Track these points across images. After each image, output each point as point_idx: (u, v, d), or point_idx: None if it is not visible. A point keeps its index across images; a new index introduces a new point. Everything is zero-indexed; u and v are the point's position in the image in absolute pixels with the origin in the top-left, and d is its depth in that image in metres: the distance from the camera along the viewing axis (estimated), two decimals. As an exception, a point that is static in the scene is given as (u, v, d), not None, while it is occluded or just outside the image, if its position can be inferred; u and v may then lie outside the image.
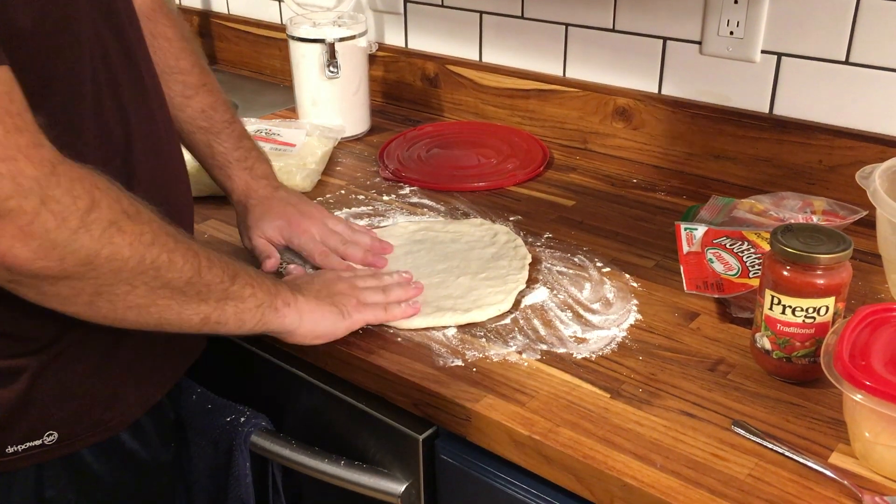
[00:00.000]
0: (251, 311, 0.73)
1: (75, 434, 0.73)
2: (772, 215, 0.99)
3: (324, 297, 0.81)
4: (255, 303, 0.73)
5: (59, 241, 0.55)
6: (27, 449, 0.70)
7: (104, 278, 0.59)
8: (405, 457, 0.83)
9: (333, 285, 0.84)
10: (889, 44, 1.03)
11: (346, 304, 0.82)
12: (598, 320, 0.87)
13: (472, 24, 1.40)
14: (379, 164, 1.26)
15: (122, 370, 0.75)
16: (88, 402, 0.73)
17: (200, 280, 0.67)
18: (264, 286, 0.74)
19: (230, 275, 0.70)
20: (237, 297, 0.71)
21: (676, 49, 1.20)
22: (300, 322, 0.78)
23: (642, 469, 0.68)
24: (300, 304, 0.78)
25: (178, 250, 0.64)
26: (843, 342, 0.68)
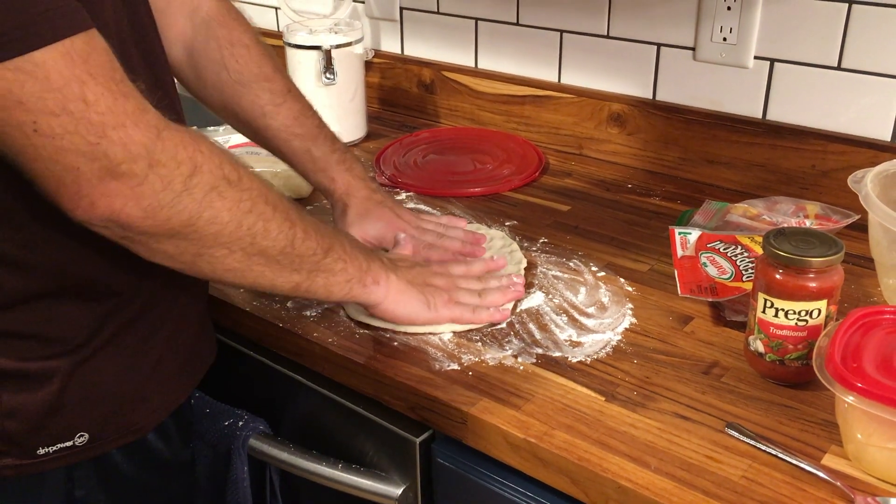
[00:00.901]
0: (340, 285, 0.75)
1: (105, 435, 0.74)
2: (765, 219, 1.00)
3: (416, 284, 0.83)
4: (346, 277, 0.76)
5: (164, 203, 0.59)
6: (58, 450, 0.71)
7: (205, 240, 0.63)
8: (402, 460, 0.84)
9: (432, 277, 0.86)
10: (880, 49, 1.04)
11: (436, 297, 0.83)
12: (593, 324, 0.88)
13: (467, 30, 1.41)
14: (375, 170, 1.27)
15: (149, 373, 0.76)
16: (118, 404, 0.74)
17: (294, 251, 0.69)
18: (356, 261, 0.77)
19: (324, 248, 0.72)
20: (328, 269, 0.73)
21: (670, 55, 1.21)
22: (384, 298, 0.80)
23: (637, 471, 0.68)
24: (391, 282, 0.80)
25: (275, 219, 0.67)
26: (835, 345, 0.69)
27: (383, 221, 0.96)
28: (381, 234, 0.96)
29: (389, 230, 0.96)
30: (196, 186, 0.60)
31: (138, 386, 0.76)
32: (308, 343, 0.87)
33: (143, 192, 0.58)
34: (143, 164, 0.57)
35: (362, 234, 0.95)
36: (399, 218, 0.98)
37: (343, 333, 0.87)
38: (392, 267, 0.82)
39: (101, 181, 0.56)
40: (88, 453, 0.73)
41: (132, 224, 0.59)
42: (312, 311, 0.91)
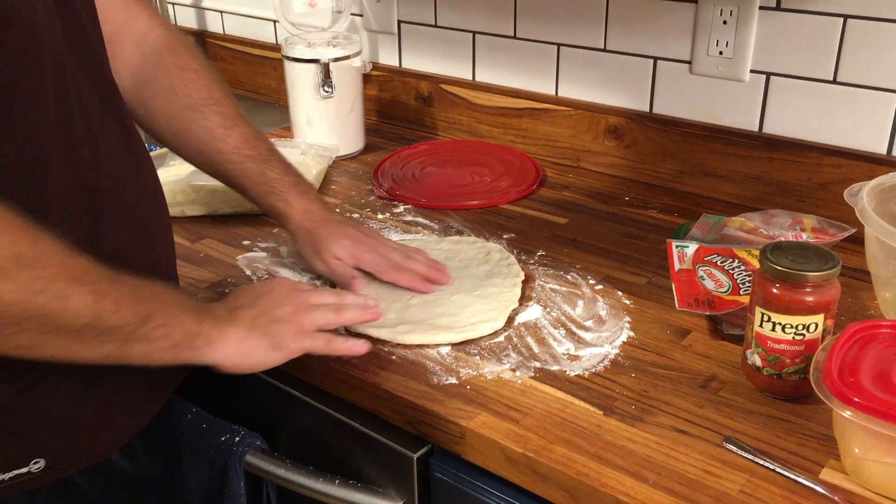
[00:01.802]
0: (163, 351, 0.70)
1: (63, 460, 0.72)
2: (762, 233, 1.00)
3: (259, 326, 0.78)
4: (169, 343, 0.70)
5: None
6: (14, 477, 0.69)
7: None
8: (400, 475, 0.84)
9: (277, 308, 0.80)
10: (875, 63, 1.05)
11: (283, 334, 0.79)
12: (590, 337, 0.88)
13: (465, 43, 1.41)
14: (373, 183, 1.27)
15: (109, 396, 0.75)
16: (76, 428, 0.73)
17: (100, 325, 0.64)
18: (182, 326, 0.71)
19: (140, 317, 0.67)
20: (145, 338, 0.68)
21: (667, 69, 1.21)
22: (225, 356, 0.75)
23: (635, 486, 0.68)
24: (228, 337, 0.75)
25: (76, 295, 0.62)
26: (832, 359, 0.69)
27: (350, 239, 0.94)
28: (352, 252, 0.93)
29: (359, 246, 0.94)
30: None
31: (97, 410, 0.74)
32: (305, 357, 0.87)
33: None
34: None
35: (336, 257, 0.93)
36: (366, 235, 0.96)
37: (341, 347, 0.87)
38: (229, 318, 0.77)
39: None
40: (47, 479, 0.71)
41: None
42: (310, 324, 0.91)
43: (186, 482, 0.96)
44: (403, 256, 0.96)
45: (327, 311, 0.83)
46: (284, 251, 1.07)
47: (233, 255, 1.07)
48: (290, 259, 1.05)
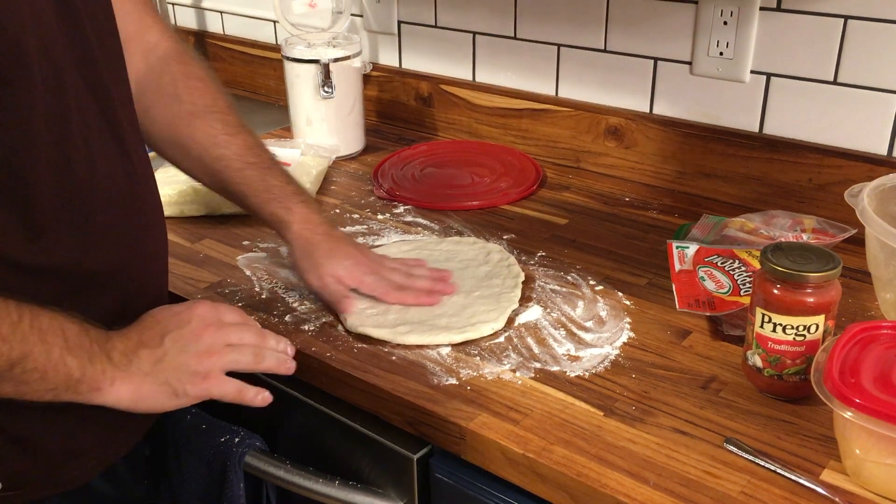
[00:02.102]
0: (39, 393, 0.67)
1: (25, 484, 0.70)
2: (762, 233, 1.00)
3: (160, 372, 0.73)
4: (45, 387, 0.67)
5: None
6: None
7: None
8: (400, 476, 0.84)
9: (185, 351, 0.75)
10: (876, 64, 1.05)
11: (186, 381, 0.74)
12: (591, 338, 0.88)
13: (465, 44, 1.41)
14: (373, 183, 1.27)
15: (77, 424, 0.72)
16: (39, 454, 0.71)
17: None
18: (62, 371, 0.67)
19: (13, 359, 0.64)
20: (16, 380, 0.65)
21: (667, 69, 1.21)
22: (117, 400, 0.71)
23: (635, 487, 0.68)
24: (117, 384, 0.70)
25: None
26: (832, 360, 0.68)
27: (352, 260, 0.92)
28: (352, 273, 0.92)
29: (361, 268, 0.92)
30: None
31: (63, 440, 0.72)
32: (306, 357, 0.87)
33: None
34: None
35: (334, 275, 0.91)
36: (366, 256, 0.95)
37: (341, 348, 0.87)
38: (125, 363, 0.71)
39: None
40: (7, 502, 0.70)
41: None
42: (310, 325, 0.91)
43: (186, 483, 0.96)
44: (404, 276, 0.94)
45: (245, 354, 0.78)
46: (284, 252, 1.07)
47: (233, 256, 1.06)
48: (289, 260, 1.05)
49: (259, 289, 0.99)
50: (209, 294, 0.98)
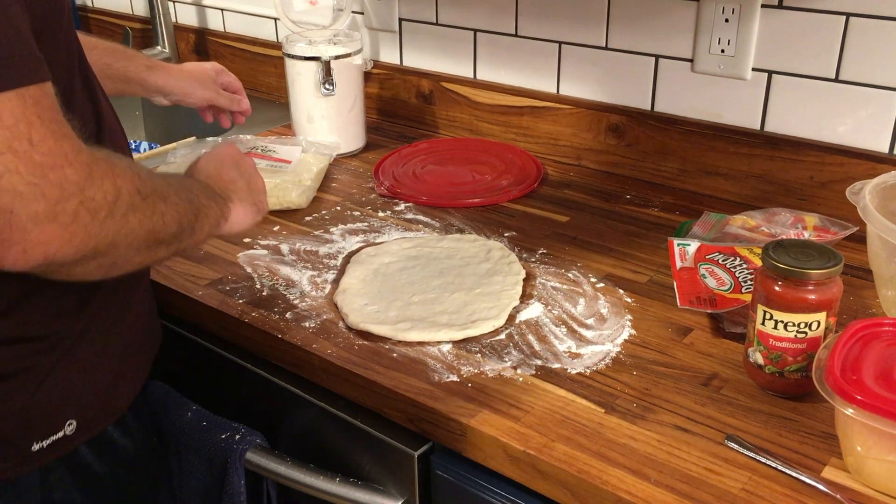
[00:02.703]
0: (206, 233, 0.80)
1: (91, 419, 0.78)
2: (764, 231, 1.00)
3: (247, 196, 0.88)
4: (210, 226, 0.80)
5: (93, 233, 0.61)
6: (52, 443, 0.74)
7: (120, 252, 0.65)
8: (401, 473, 0.84)
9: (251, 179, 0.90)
10: (878, 62, 1.04)
11: (262, 199, 0.91)
12: (592, 335, 0.88)
13: (466, 41, 1.41)
14: (374, 181, 1.27)
15: (123, 349, 0.81)
16: (99, 385, 0.79)
17: (181, 230, 0.73)
18: (213, 212, 0.81)
19: (194, 214, 0.76)
20: (199, 230, 0.77)
21: (668, 67, 1.21)
22: (232, 226, 0.85)
23: (637, 484, 0.68)
24: (232, 212, 0.85)
25: (168, 213, 0.70)
26: (834, 357, 0.68)
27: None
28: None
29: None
30: (117, 210, 0.63)
31: (111, 371, 0.80)
32: (307, 354, 0.87)
33: (75, 230, 0.59)
34: (75, 201, 0.59)
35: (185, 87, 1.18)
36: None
37: (342, 345, 0.87)
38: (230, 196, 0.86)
39: (37, 225, 0.57)
40: (79, 439, 0.77)
41: (64, 261, 0.61)
42: (311, 322, 0.91)
43: (187, 480, 0.96)
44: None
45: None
46: (285, 249, 1.07)
47: (233, 253, 1.06)
48: (290, 257, 1.05)
49: (260, 286, 0.99)
50: (210, 291, 0.98)
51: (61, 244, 0.59)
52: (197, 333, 1.00)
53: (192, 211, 0.75)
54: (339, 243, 1.09)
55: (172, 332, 1.03)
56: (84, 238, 0.60)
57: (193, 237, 0.76)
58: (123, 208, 0.63)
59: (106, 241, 0.62)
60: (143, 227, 0.66)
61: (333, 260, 1.04)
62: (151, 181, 0.69)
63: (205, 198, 0.80)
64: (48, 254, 0.59)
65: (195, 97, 1.21)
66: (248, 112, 1.28)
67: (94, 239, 0.61)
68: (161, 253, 0.72)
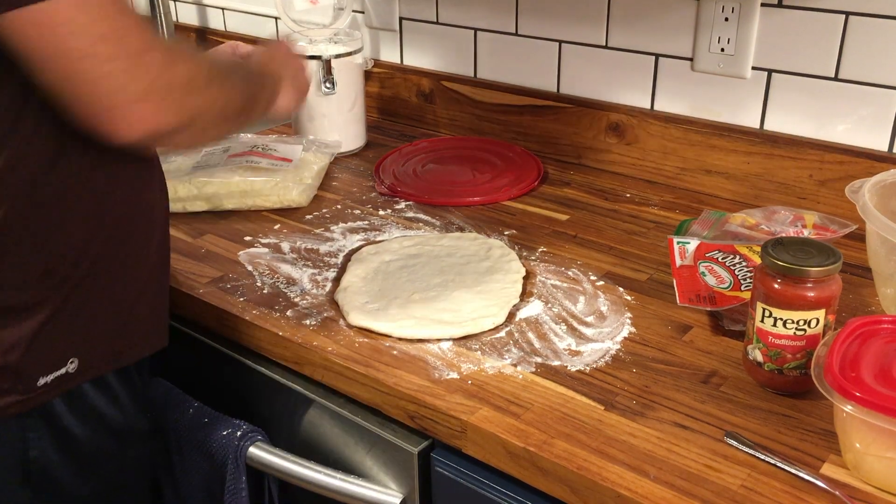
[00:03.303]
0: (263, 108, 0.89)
1: (92, 361, 0.81)
2: (763, 229, 1.01)
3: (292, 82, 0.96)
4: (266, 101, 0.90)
5: (182, 106, 0.70)
6: (55, 379, 0.77)
7: (203, 123, 0.74)
8: (401, 470, 0.84)
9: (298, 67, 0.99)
10: (877, 60, 1.05)
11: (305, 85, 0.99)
12: (592, 333, 0.88)
13: (466, 40, 1.41)
14: (375, 179, 1.27)
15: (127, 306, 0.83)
16: (101, 331, 0.81)
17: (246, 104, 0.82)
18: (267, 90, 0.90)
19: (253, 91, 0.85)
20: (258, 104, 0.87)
21: (668, 65, 1.21)
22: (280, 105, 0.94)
23: (636, 480, 0.68)
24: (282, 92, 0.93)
25: (234, 89, 0.80)
26: (833, 354, 0.69)
27: None
28: None
29: None
30: (196, 86, 0.72)
31: (120, 315, 0.83)
32: (308, 352, 0.87)
33: (168, 104, 0.68)
34: (164, 80, 0.68)
35: None
36: None
37: (342, 342, 0.87)
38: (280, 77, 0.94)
39: (137, 103, 0.66)
40: (80, 378, 0.80)
41: (166, 131, 0.70)
42: (312, 320, 0.92)
43: (188, 477, 0.96)
44: None
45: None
46: (286, 247, 1.08)
47: (234, 251, 1.07)
48: (291, 255, 1.05)
49: (261, 283, 0.99)
50: (211, 289, 0.98)
51: (158, 118, 0.68)
52: (198, 331, 1.01)
53: (251, 88, 0.85)
54: (340, 241, 1.09)
55: (174, 330, 1.03)
56: (175, 111, 0.69)
57: (255, 111, 0.86)
58: (201, 85, 0.73)
59: (191, 113, 0.72)
60: (218, 102, 0.76)
61: (334, 258, 1.05)
62: (215, 64, 0.79)
63: (258, 77, 0.89)
64: (148, 127, 0.67)
65: None
66: None
67: (182, 112, 0.70)
68: (231, 125, 0.82)
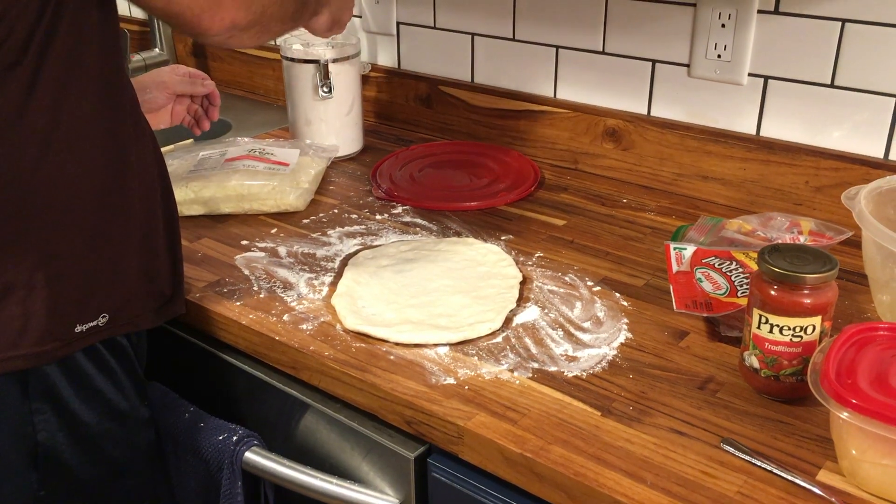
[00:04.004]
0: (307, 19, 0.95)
1: (119, 319, 0.86)
2: (760, 235, 1.01)
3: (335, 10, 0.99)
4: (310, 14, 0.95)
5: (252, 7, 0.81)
6: (87, 329, 0.83)
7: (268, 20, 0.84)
8: (397, 475, 0.84)
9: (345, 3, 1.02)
10: (873, 67, 1.05)
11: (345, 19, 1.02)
12: (588, 339, 0.88)
13: (464, 45, 1.41)
14: (372, 184, 1.27)
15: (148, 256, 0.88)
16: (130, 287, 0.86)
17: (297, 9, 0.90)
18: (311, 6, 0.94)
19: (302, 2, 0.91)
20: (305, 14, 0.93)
21: (665, 71, 1.22)
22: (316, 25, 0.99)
23: (633, 486, 0.68)
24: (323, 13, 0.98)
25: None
26: (829, 361, 0.69)
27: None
28: None
29: None
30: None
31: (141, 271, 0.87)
32: (304, 356, 0.87)
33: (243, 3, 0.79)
34: None
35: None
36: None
37: (339, 347, 0.87)
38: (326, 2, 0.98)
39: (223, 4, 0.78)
40: (107, 332, 0.85)
41: (241, 26, 0.80)
42: (308, 324, 0.91)
43: (184, 481, 0.96)
44: None
45: None
46: (283, 251, 1.07)
47: (231, 255, 1.07)
48: (288, 259, 1.05)
49: (257, 288, 0.99)
50: (208, 293, 0.98)
51: (237, 14, 0.80)
52: (194, 335, 1.01)
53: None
54: (337, 246, 1.09)
55: (170, 334, 1.03)
56: (249, 9, 0.80)
57: (303, 17, 0.93)
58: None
59: (259, 12, 0.82)
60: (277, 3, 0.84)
61: (331, 262, 1.05)
62: None
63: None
64: (231, 21, 0.79)
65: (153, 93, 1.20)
66: (215, 94, 1.26)
67: (254, 11, 0.81)
68: (287, 25, 0.91)
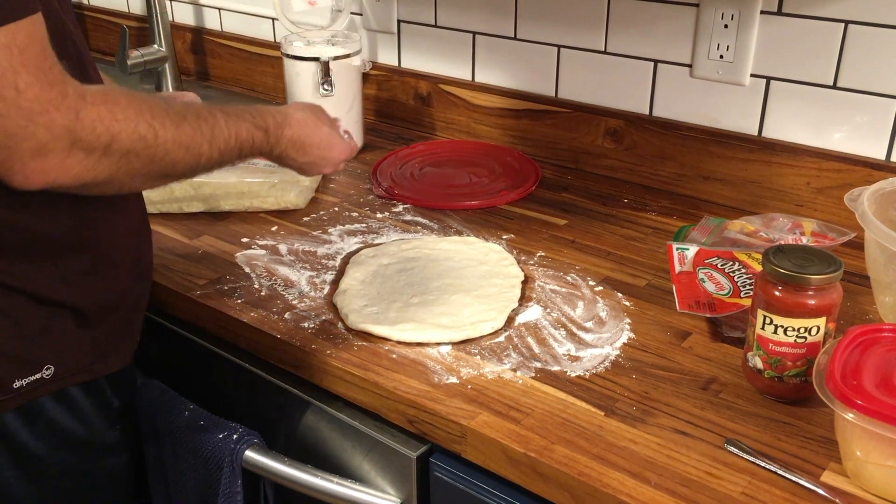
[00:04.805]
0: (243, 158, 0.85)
1: (67, 372, 0.81)
2: (762, 236, 1.01)
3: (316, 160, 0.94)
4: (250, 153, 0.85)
5: (88, 167, 0.68)
6: (30, 383, 0.78)
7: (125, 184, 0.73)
8: (399, 474, 0.83)
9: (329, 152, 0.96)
10: (876, 69, 1.05)
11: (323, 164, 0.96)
12: (591, 338, 0.88)
13: (464, 44, 1.41)
14: (372, 182, 1.27)
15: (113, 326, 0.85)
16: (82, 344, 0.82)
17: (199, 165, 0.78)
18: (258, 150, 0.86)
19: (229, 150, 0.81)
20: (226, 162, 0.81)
21: (667, 71, 1.22)
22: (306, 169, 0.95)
23: (637, 487, 0.68)
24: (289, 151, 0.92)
25: (187, 157, 0.75)
26: (834, 362, 0.69)
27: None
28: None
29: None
30: (113, 152, 0.69)
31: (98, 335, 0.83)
32: (306, 355, 0.87)
33: (70, 164, 0.66)
34: (66, 142, 0.65)
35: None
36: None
37: (341, 345, 0.87)
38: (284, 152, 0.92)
39: (32, 159, 0.64)
40: (52, 386, 0.80)
41: (66, 186, 0.68)
42: (310, 322, 0.91)
43: (183, 479, 0.96)
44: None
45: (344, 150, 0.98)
46: (283, 249, 1.07)
47: (231, 253, 1.06)
48: (289, 257, 1.05)
49: (258, 286, 0.98)
50: (208, 291, 0.97)
51: (57, 175, 0.66)
52: (195, 333, 1.00)
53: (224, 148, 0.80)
54: (338, 244, 1.09)
55: (170, 331, 1.02)
56: (80, 171, 0.67)
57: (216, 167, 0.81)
58: (120, 151, 0.69)
59: (104, 175, 0.69)
60: (146, 168, 0.72)
61: (332, 261, 1.04)
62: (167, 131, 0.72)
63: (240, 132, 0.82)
64: (47, 181, 0.66)
65: None
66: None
67: (92, 172, 0.68)
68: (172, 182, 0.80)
